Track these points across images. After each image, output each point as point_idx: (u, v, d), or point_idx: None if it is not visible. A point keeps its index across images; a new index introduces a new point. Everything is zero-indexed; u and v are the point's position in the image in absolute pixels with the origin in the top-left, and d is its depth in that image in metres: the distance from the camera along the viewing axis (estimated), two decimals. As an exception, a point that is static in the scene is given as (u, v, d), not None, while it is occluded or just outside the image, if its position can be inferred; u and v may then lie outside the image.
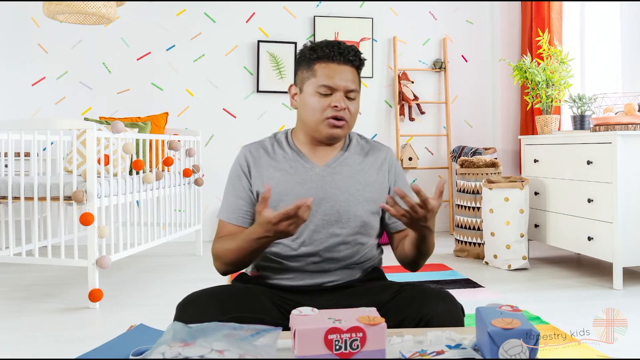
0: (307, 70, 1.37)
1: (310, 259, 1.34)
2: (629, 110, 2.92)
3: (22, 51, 4.25)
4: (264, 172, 1.38)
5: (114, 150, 2.94)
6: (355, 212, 1.36)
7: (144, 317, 2.31)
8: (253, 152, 1.41)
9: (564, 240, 3.21)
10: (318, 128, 1.35)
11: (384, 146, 1.49)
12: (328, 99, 1.33)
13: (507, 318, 0.88)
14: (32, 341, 2.11)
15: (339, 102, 1.32)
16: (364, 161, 1.43)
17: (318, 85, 1.34)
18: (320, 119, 1.34)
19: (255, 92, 4.53)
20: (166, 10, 4.42)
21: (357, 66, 1.38)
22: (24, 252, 2.78)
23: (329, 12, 4.61)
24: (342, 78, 1.34)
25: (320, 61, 1.35)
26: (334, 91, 1.33)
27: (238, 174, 1.40)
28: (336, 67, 1.34)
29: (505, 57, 4.62)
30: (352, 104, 1.36)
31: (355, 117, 1.38)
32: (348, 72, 1.35)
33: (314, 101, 1.34)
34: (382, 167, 1.44)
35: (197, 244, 3.83)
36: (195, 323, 0.98)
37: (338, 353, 0.86)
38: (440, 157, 4.83)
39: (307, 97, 1.36)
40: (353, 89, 1.35)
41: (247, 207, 1.38)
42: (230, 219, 1.38)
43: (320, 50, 1.35)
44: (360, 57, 1.38)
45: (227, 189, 1.42)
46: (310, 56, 1.37)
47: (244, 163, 1.40)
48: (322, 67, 1.34)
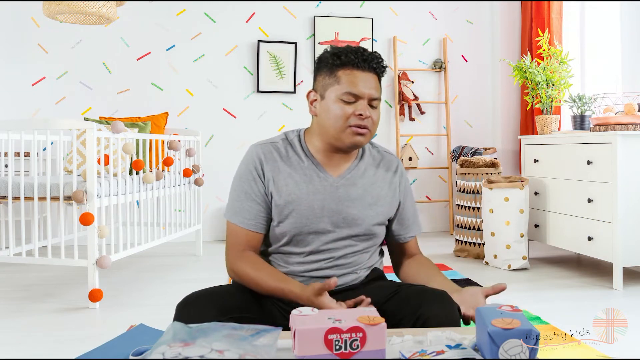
0: (329, 77, 1.34)
1: (316, 264, 1.35)
2: (629, 110, 2.92)
3: (22, 51, 4.25)
4: (278, 177, 1.35)
5: (114, 150, 2.94)
6: (365, 224, 1.37)
7: (144, 317, 2.31)
8: (266, 153, 1.37)
9: (564, 240, 3.21)
10: (340, 136, 1.32)
11: (393, 156, 1.49)
12: (352, 107, 1.30)
13: (507, 318, 0.88)
14: (32, 341, 2.11)
15: (363, 111, 1.30)
16: (377, 173, 1.43)
17: (342, 93, 1.30)
18: (343, 126, 1.31)
19: (255, 92, 4.53)
20: (166, 10, 4.42)
21: (380, 74, 1.36)
22: (24, 252, 2.78)
23: (329, 12, 4.61)
24: (366, 86, 1.31)
25: (344, 68, 1.32)
26: (358, 99, 1.31)
27: (252, 176, 1.36)
28: (360, 74, 1.31)
29: (505, 57, 4.63)
30: (374, 112, 1.33)
31: (377, 126, 1.36)
32: (371, 80, 1.33)
33: (337, 108, 1.31)
34: (393, 180, 1.45)
35: (197, 244, 3.83)
36: (194, 323, 0.98)
37: (338, 353, 0.86)
38: (440, 157, 4.83)
39: (329, 103, 1.32)
40: (377, 97, 1.33)
41: (264, 212, 1.35)
42: (247, 226, 1.35)
43: (345, 56, 1.32)
44: (383, 65, 1.36)
45: (239, 191, 1.37)
46: (333, 62, 1.33)
47: (258, 165, 1.36)
48: (346, 74, 1.31)
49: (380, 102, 1.36)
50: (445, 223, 4.85)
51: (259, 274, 1.29)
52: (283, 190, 1.34)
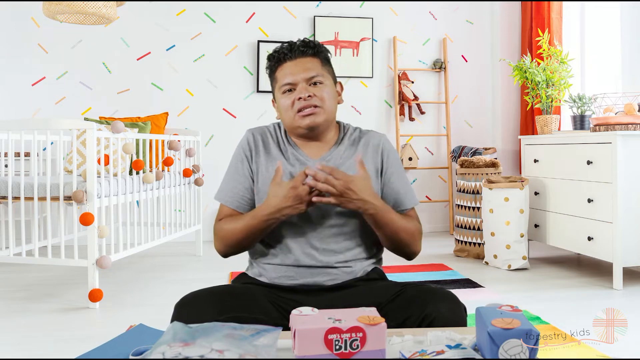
0: (273, 80, 1.44)
1: (306, 241, 1.35)
2: (629, 110, 2.92)
3: (22, 51, 4.25)
4: (264, 160, 1.41)
5: (114, 150, 2.94)
6: None
7: (144, 317, 2.31)
8: (256, 135, 1.44)
9: (564, 240, 3.21)
10: (294, 124, 1.38)
11: (377, 133, 1.48)
12: (293, 95, 1.37)
13: (507, 318, 0.88)
14: (32, 341, 2.11)
15: (301, 93, 1.35)
16: (357, 150, 1.43)
17: (280, 87, 1.39)
18: (292, 114, 1.37)
19: (255, 92, 4.53)
20: (166, 10, 4.42)
21: (314, 54, 1.41)
22: (24, 252, 2.78)
23: (329, 12, 4.61)
24: (297, 70, 1.37)
25: (277, 66, 1.41)
26: (295, 86, 1.37)
27: (240, 158, 1.43)
28: (291, 64, 1.39)
29: (505, 57, 4.63)
30: (319, 88, 1.37)
31: (329, 101, 1.39)
32: (305, 63, 1.38)
33: (283, 102, 1.39)
34: (375, 155, 1.44)
35: (197, 244, 3.83)
36: (193, 323, 0.98)
37: (338, 353, 0.86)
38: (440, 157, 4.83)
39: (279, 101, 1.41)
40: (313, 75, 1.37)
41: (246, 192, 1.41)
42: (228, 203, 1.42)
43: (272, 57, 1.42)
44: (313, 44, 1.41)
45: (229, 171, 1.45)
46: (270, 65, 1.43)
47: (247, 147, 1.43)
48: (279, 71, 1.40)
49: (326, 77, 1.40)
50: (445, 223, 4.85)
51: (238, 221, 1.35)
52: (266, 172, 1.40)
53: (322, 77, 1.39)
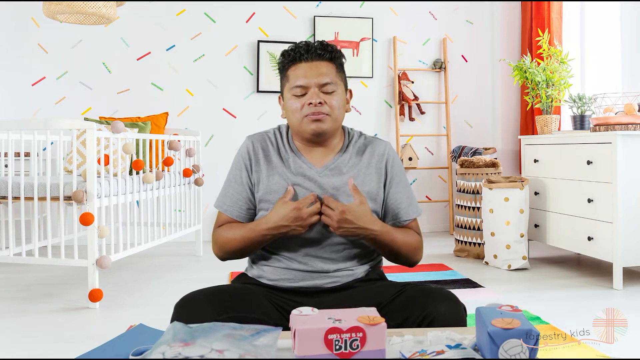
0: (283, 78, 1.41)
1: (307, 252, 1.34)
2: (629, 110, 2.92)
3: (22, 51, 4.25)
4: (265, 167, 1.39)
5: (114, 150, 2.94)
6: None
7: (144, 317, 2.31)
8: (256, 144, 1.42)
9: (564, 240, 3.21)
10: (301, 127, 1.36)
11: (382, 141, 1.47)
12: (304, 98, 1.35)
13: (507, 318, 0.88)
14: (32, 341, 2.11)
15: (312, 99, 1.33)
16: (362, 160, 1.42)
17: (292, 88, 1.36)
18: (300, 118, 1.35)
19: (255, 92, 4.53)
20: (166, 10, 4.42)
21: (331, 58, 1.38)
22: (24, 252, 2.78)
23: (329, 12, 4.61)
24: (312, 74, 1.34)
25: (291, 65, 1.38)
26: (307, 89, 1.35)
27: (240, 167, 1.42)
28: (305, 65, 1.36)
29: (505, 57, 4.63)
30: (330, 97, 1.35)
31: (339, 110, 1.37)
32: (320, 67, 1.36)
33: (292, 103, 1.36)
34: (380, 164, 1.42)
35: (197, 244, 3.83)
36: (192, 323, 0.98)
37: (338, 353, 0.86)
38: (440, 157, 4.83)
39: (287, 102, 1.38)
40: (327, 82, 1.35)
41: (245, 202, 1.40)
42: (228, 212, 1.41)
43: (289, 54, 1.38)
44: (330, 49, 1.38)
45: (229, 179, 1.44)
46: (283, 63, 1.40)
47: (246, 155, 1.41)
48: (292, 70, 1.37)
49: (338, 85, 1.38)
50: (445, 223, 4.85)
51: (237, 231, 1.36)
52: (267, 181, 1.38)
53: (334, 84, 1.36)
